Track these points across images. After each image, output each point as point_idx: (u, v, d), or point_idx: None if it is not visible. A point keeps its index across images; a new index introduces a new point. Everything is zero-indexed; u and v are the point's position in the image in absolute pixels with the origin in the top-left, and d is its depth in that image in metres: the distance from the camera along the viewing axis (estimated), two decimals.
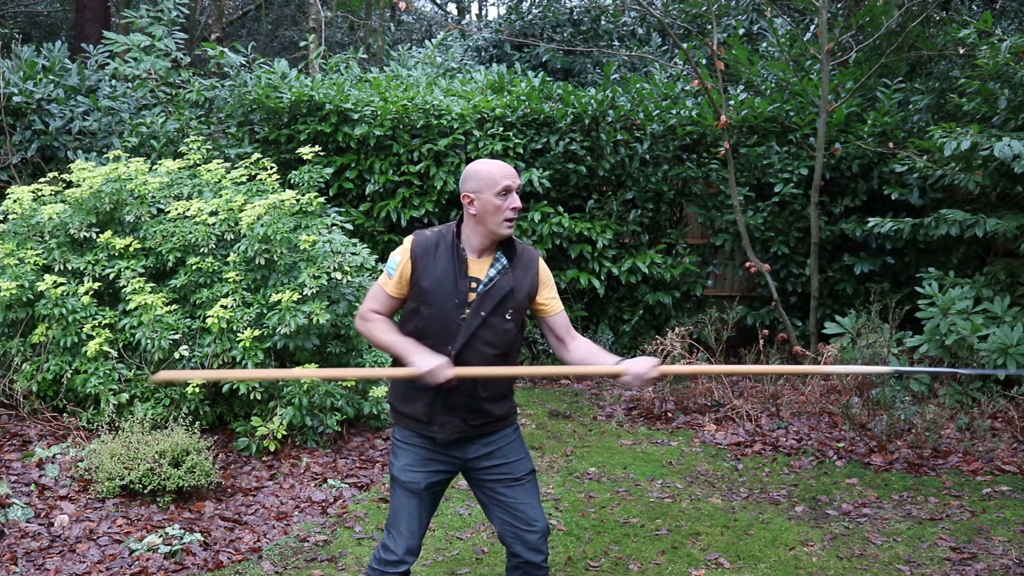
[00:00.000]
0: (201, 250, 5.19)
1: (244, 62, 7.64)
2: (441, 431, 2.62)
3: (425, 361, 2.49)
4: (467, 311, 2.57)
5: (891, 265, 7.36)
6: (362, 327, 2.67)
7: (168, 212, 5.35)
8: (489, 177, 2.56)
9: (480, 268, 2.62)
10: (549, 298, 2.73)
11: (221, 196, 5.43)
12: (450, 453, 2.67)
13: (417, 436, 2.67)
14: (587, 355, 2.73)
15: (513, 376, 2.76)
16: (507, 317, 2.61)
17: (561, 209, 7.28)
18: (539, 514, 2.72)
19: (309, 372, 2.76)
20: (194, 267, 5.12)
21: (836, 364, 5.93)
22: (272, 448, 4.85)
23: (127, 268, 5.09)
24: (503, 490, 2.69)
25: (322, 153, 6.69)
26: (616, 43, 11.36)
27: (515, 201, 2.57)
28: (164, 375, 2.61)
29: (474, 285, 2.60)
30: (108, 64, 7.54)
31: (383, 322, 2.64)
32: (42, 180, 5.82)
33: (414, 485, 2.65)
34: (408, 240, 2.65)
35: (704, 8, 7.69)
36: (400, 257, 2.62)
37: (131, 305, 4.85)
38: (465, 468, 2.71)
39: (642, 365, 2.58)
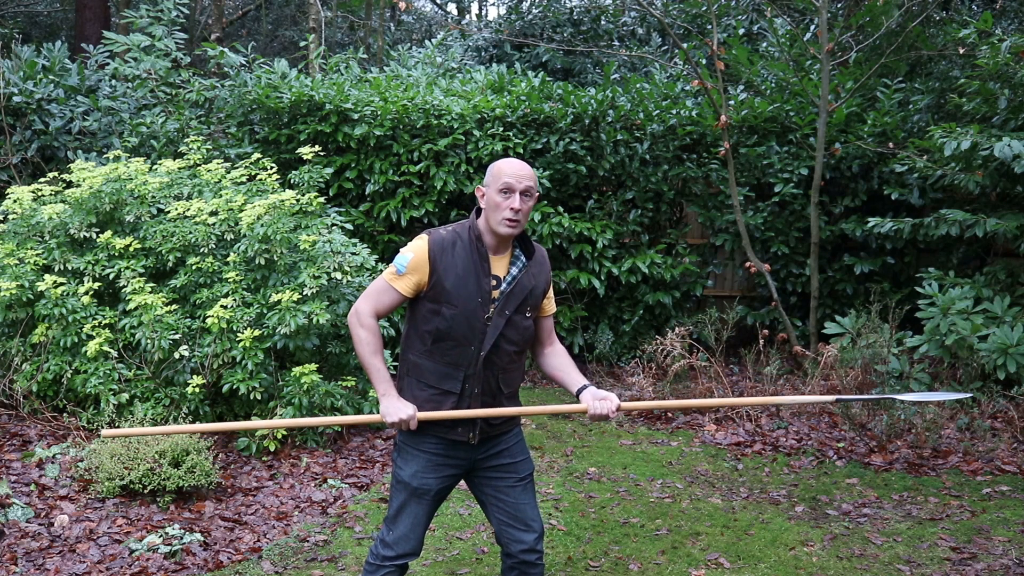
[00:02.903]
0: (201, 250, 5.19)
1: (244, 62, 7.64)
2: (466, 433, 2.61)
3: (391, 409, 2.51)
4: (492, 309, 2.56)
5: (891, 265, 7.36)
6: (354, 328, 2.58)
7: (168, 212, 5.35)
8: (497, 172, 2.57)
9: (499, 265, 2.60)
10: (549, 298, 2.76)
11: (221, 196, 5.43)
12: (461, 455, 2.65)
13: (429, 441, 2.62)
14: (561, 366, 2.76)
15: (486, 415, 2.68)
16: (527, 315, 2.64)
17: (561, 209, 7.28)
18: (536, 515, 2.73)
19: (265, 423, 2.78)
20: (194, 267, 5.12)
21: (835, 365, 5.92)
22: (272, 448, 4.86)
23: (127, 268, 5.09)
24: (506, 489, 2.70)
25: (322, 153, 6.69)
26: (616, 43, 11.35)
27: (514, 202, 2.52)
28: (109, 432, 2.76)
29: (495, 283, 2.58)
30: (108, 64, 7.54)
31: (375, 337, 2.57)
32: (42, 180, 5.83)
33: (424, 491, 2.64)
34: (423, 239, 2.57)
35: (704, 8, 7.69)
36: (413, 255, 2.54)
37: (131, 305, 4.85)
38: (472, 468, 2.70)
39: (602, 407, 2.61)
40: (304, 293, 4.95)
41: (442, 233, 2.59)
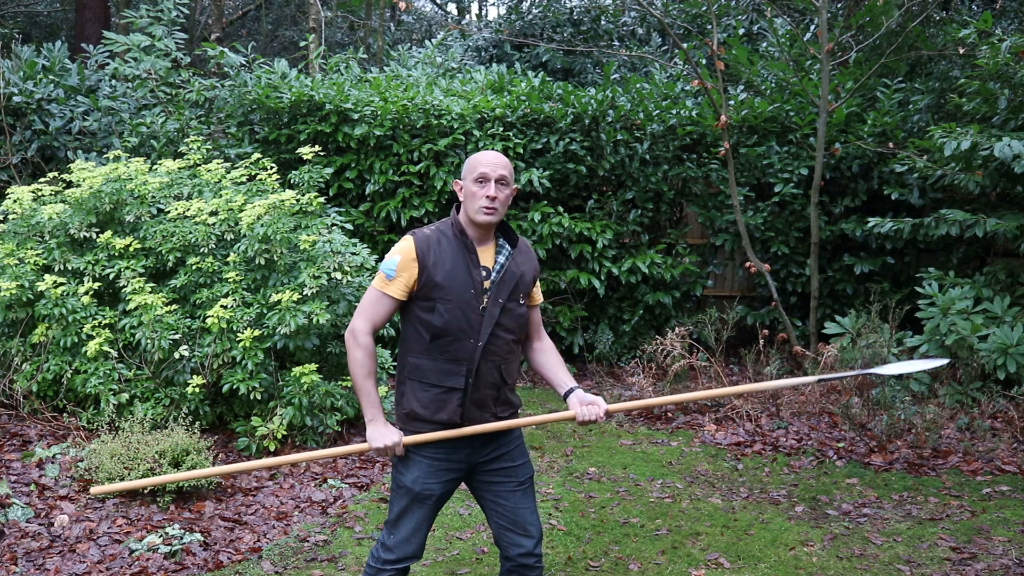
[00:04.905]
0: (201, 250, 5.19)
1: (244, 62, 7.64)
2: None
3: (377, 435, 2.56)
4: (486, 300, 2.57)
5: (891, 265, 7.36)
6: (350, 348, 2.58)
7: (168, 212, 5.35)
8: (473, 164, 2.60)
9: (486, 256, 2.62)
10: (536, 287, 2.80)
11: (221, 196, 5.43)
12: (463, 457, 2.65)
13: (431, 445, 2.61)
14: (549, 364, 2.79)
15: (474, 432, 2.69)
16: (520, 302, 2.66)
17: (561, 209, 7.28)
18: (535, 519, 2.73)
19: (255, 464, 2.85)
20: (194, 267, 5.12)
21: (835, 365, 5.93)
22: (272, 448, 4.86)
23: (127, 268, 5.09)
24: (505, 494, 2.69)
25: (322, 153, 6.69)
26: (616, 43, 11.35)
27: (490, 190, 2.54)
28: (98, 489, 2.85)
29: (484, 273, 2.60)
30: (108, 64, 7.54)
31: (370, 360, 2.56)
32: (42, 180, 5.83)
33: (428, 496, 2.63)
34: (407, 241, 2.59)
35: (704, 8, 7.69)
36: (400, 257, 2.55)
37: (131, 305, 4.85)
38: (472, 471, 2.70)
39: (589, 412, 2.64)
40: (304, 293, 4.95)
41: (425, 232, 2.62)
